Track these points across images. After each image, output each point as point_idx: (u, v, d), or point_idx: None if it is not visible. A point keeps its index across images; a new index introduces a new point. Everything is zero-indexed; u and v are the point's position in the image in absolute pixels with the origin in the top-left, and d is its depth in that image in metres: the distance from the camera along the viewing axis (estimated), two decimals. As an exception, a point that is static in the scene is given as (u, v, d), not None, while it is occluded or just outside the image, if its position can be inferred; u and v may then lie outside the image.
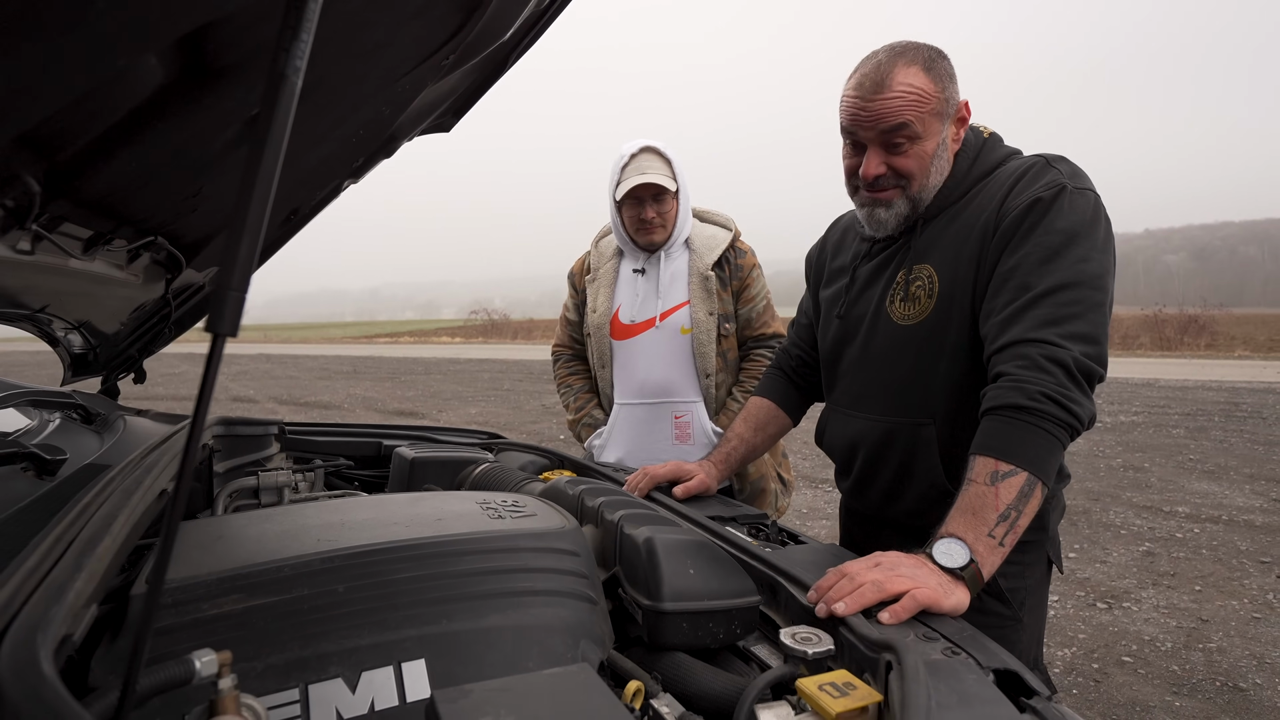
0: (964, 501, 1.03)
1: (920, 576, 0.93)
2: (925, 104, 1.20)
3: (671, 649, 0.92)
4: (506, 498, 1.13)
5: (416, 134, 1.75)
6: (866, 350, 1.38)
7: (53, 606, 0.48)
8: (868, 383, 1.38)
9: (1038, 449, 1.04)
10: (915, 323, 1.29)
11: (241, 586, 0.79)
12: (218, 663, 0.53)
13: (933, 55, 1.23)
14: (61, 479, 0.94)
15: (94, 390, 1.65)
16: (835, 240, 1.56)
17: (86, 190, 0.72)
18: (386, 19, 0.91)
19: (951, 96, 1.24)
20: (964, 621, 0.93)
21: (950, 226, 1.27)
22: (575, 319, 2.24)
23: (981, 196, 1.25)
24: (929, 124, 1.22)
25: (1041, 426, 1.05)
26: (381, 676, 0.75)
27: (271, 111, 0.46)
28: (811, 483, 5.94)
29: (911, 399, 1.30)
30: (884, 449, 1.34)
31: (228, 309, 0.45)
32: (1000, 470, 1.03)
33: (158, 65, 0.60)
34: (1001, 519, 1.00)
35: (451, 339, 37.54)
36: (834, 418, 1.49)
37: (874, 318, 1.36)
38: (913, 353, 1.29)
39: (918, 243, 1.30)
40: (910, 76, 1.20)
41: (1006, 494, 1.01)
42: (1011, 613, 1.28)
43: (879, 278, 1.37)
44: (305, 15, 0.46)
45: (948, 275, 1.25)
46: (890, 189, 1.27)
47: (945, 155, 1.26)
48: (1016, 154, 1.31)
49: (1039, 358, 1.08)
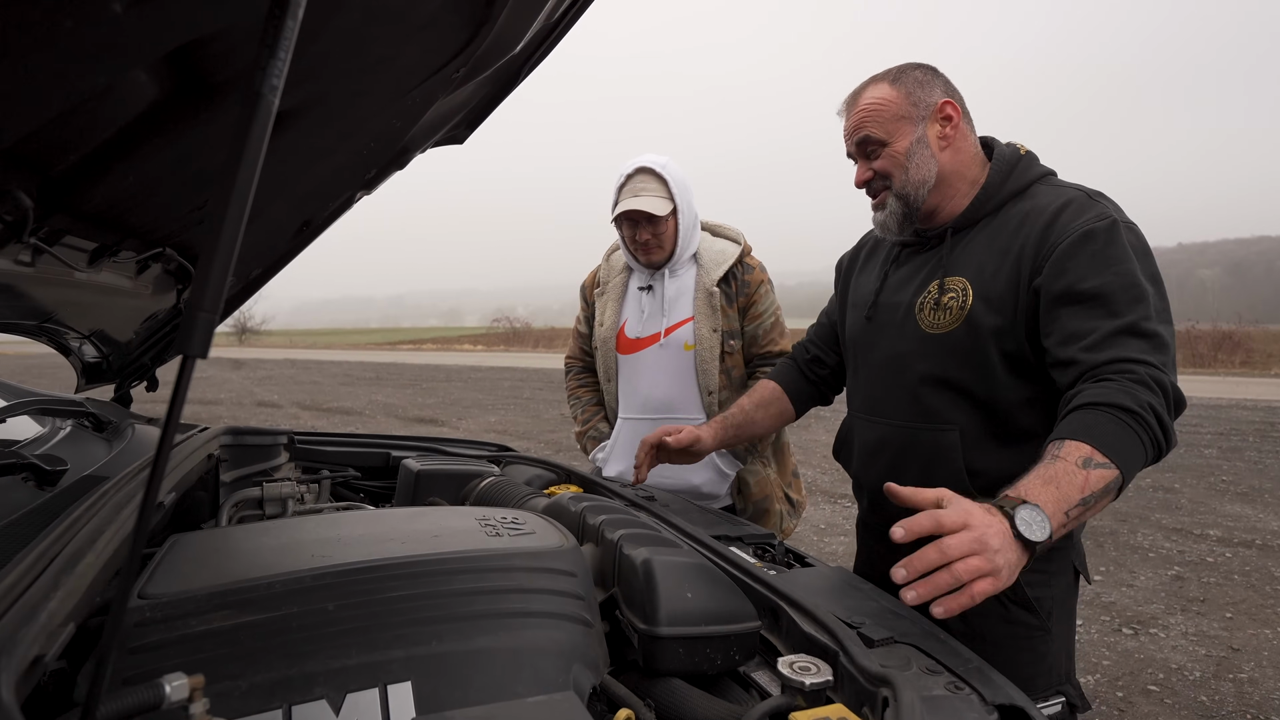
0: (1051, 474, 0.99)
1: (1000, 559, 0.88)
2: (886, 111, 1.32)
3: (667, 674, 0.90)
4: (506, 514, 1.12)
5: (430, 146, 1.76)
6: (892, 355, 1.40)
7: (22, 628, 0.48)
8: (890, 387, 1.40)
9: (1133, 454, 1.03)
10: (943, 332, 1.31)
11: (231, 603, 0.79)
12: (189, 686, 0.52)
13: (905, 69, 1.35)
14: (60, 490, 0.94)
15: (107, 398, 1.67)
16: (868, 247, 1.61)
17: (85, 204, 0.73)
18: (388, 34, 0.91)
19: (921, 99, 1.32)
20: (971, 653, 0.90)
21: (984, 241, 1.32)
22: (586, 331, 2.24)
23: (1020, 215, 1.29)
24: (895, 127, 1.32)
25: (1140, 436, 1.04)
26: (367, 699, 0.73)
27: (247, 132, 0.45)
28: (830, 498, 5.87)
29: (934, 405, 1.32)
30: (905, 455, 1.36)
31: (198, 331, 0.45)
32: (1095, 459, 1.01)
33: (149, 82, 0.60)
34: (1082, 503, 0.98)
35: (474, 346, 37.83)
36: (855, 424, 1.51)
37: (902, 323, 1.39)
38: (938, 360, 1.32)
39: (950, 254, 1.35)
40: (876, 92, 1.34)
41: (1096, 482, 0.99)
42: (1040, 622, 1.29)
43: (909, 284, 1.40)
44: (283, 35, 0.46)
45: (981, 291, 1.28)
46: (880, 190, 1.37)
47: (926, 152, 1.33)
48: (1051, 174, 1.36)
49: (1148, 377, 1.09)
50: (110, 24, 0.41)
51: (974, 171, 1.36)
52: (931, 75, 1.35)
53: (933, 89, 1.34)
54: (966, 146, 1.36)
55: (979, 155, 1.38)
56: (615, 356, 2.07)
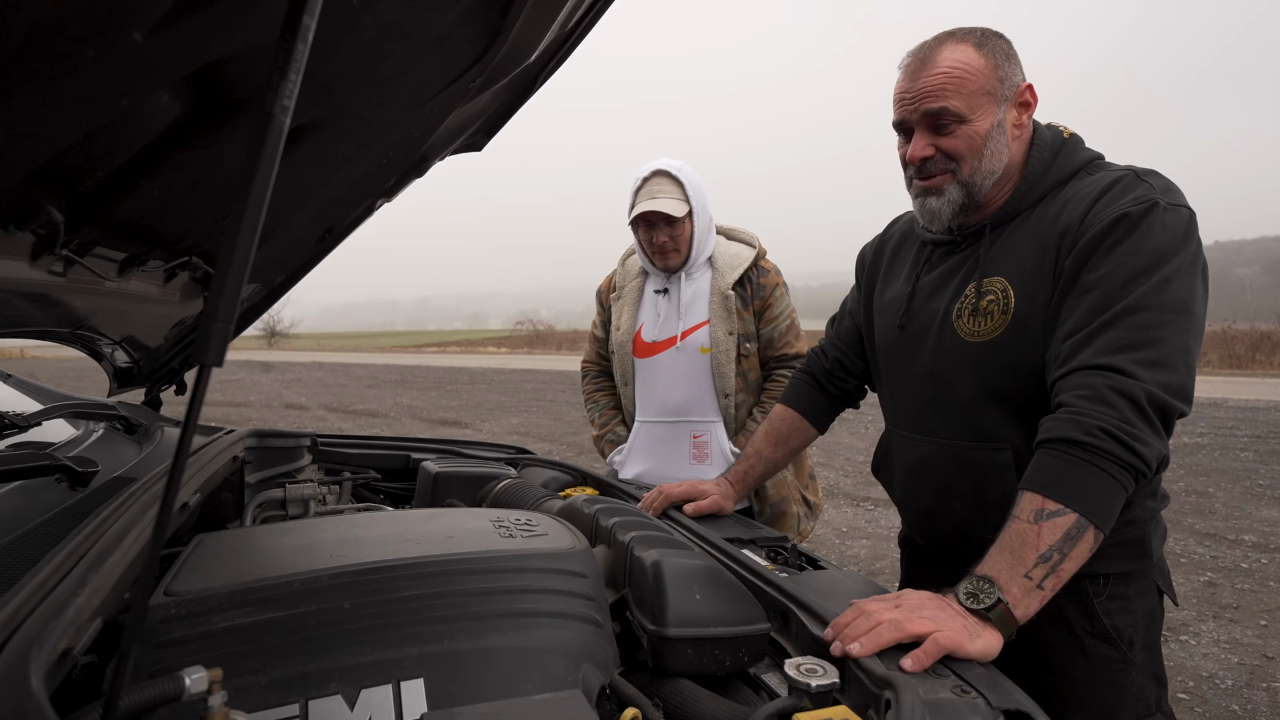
0: (1003, 539, 0.97)
1: (943, 619, 0.89)
2: (972, 80, 1.12)
3: (676, 675, 0.92)
4: (520, 516, 1.14)
5: (448, 154, 1.79)
6: (931, 368, 1.26)
7: (51, 621, 0.50)
8: (932, 403, 1.27)
9: (1091, 489, 0.97)
10: (986, 340, 1.18)
11: (252, 600, 0.81)
12: (207, 680, 0.55)
13: (987, 34, 1.16)
14: (91, 491, 0.98)
15: (138, 402, 1.73)
16: (894, 241, 1.45)
17: (114, 217, 0.76)
18: (403, 49, 0.94)
19: (1008, 76, 1.15)
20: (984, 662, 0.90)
21: (1025, 236, 1.18)
22: (602, 336, 2.26)
23: (1060, 204, 1.16)
24: (978, 102, 1.13)
25: (1098, 465, 0.97)
26: (380, 695, 0.76)
27: (259, 150, 0.47)
28: (853, 500, 5.83)
29: (983, 421, 1.19)
30: (954, 476, 1.22)
31: (213, 340, 0.47)
32: (1046, 509, 0.96)
33: (172, 101, 0.63)
34: (1042, 560, 0.94)
35: (497, 349, 38.11)
36: (895, 441, 1.37)
37: (939, 333, 1.25)
38: (983, 372, 1.19)
39: (988, 252, 1.21)
40: (957, 53, 1.14)
41: (1050, 534, 0.95)
42: (1120, 654, 1.17)
43: (944, 289, 1.26)
44: (293, 57, 0.48)
45: (1023, 290, 1.15)
46: (939, 173, 1.19)
47: (1002, 140, 1.16)
48: (1099, 159, 1.21)
49: (1104, 388, 1.00)
50: (132, 51, 0.43)
51: (1022, 161, 1.21)
52: (1013, 49, 1.17)
53: (1016, 66, 1.17)
54: (1026, 137, 1.21)
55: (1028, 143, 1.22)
56: (632, 360, 2.09)
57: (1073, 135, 1.23)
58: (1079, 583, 1.11)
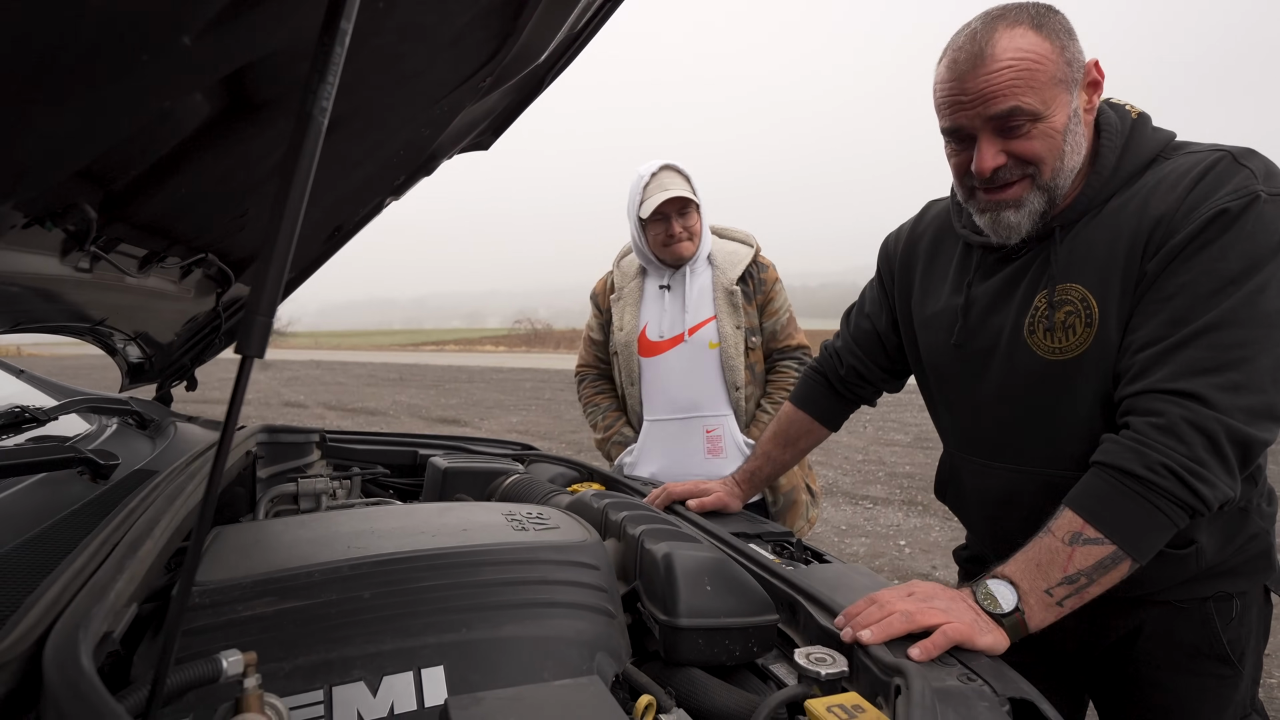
0: (1033, 549, 0.94)
1: (954, 611, 0.89)
2: (1042, 70, 0.97)
3: (687, 665, 0.93)
4: (531, 510, 1.15)
5: (456, 152, 1.81)
6: (1004, 391, 1.13)
7: (94, 605, 0.52)
8: (1011, 429, 1.14)
9: (1138, 524, 0.92)
10: (1071, 357, 1.05)
11: (273, 590, 0.83)
12: (243, 663, 0.56)
13: (1041, 9, 1.01)
14: (113, 483, 1.00)
15: (148, 397, 1.74)
16: (928, 240, 1.28)
17: (140, 214, 0.78)
18: (421, 50, 0.95)
19: (1074, 56, 1.00)
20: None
21: (1102, 234, 1.03)
22: (600, 338, 2.27)
23: (1143, 194, 1.01)
24: (1051, 94, 0.98)
25: (1152, 501, 0.91)
26: (401, 681, 0.77)
27: (298, 149, 0.49)
28: (851, 499, 5.85)
29: (1075, 448, 1.05)
30: (1048, 505, 1.01)
31: (255, 332, 0.49)
32: (1085, 534, 0.92)
33: (204, 102, 0.64)
34: (1067, 581, 0.92)
35: (495, 348, 38.12)
36: (968, 468, 1.24)
37: (1009, 351, 1.11)
38: (1070, 391, 1.06)
39: (1059, 255, 1.06)
40: (1017, 40, 0.98)
41: (1082, 559, 0.92)
42: (1233, 671, 1.10)
43: (1008, 300, 1.12)
44: (331, 60, 0.50)
45: (1105, 297, 1.01)
46: (1016, 182, 1.03)
47: (1079, 130, 1.02)
48: (1173, 139, 1.07)
49: (1179, 420, 0.91)
50: (180, 54, 0.45)
51: (1089, 149, 1.07)
52: (1069, 22, 1.02)
53: (1077, 42, 1.01)
54: (1093, 120, 1.06)
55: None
56: (638, 360, 2.11)
57: (1141, 115, 1.08)
58: (1204, 604, 1.08)
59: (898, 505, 5.66)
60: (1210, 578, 1.08)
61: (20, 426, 1.11)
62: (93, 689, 0.42)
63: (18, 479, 0.88)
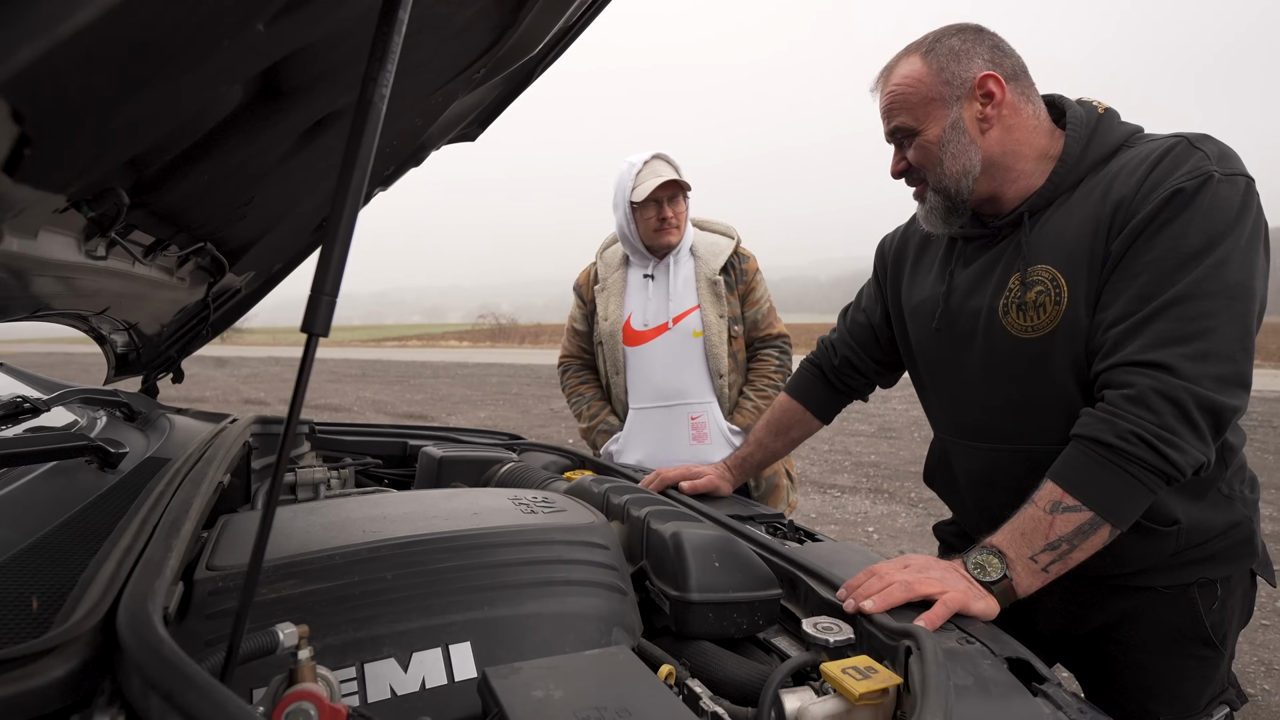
0: (1018, 520, 1.01)
1: (949, 580, 0.95)
2: (915, 93, 1.15)
3: (698, 638, 0.97)
4: (537, 494, 1.18)
5: (444, 143, 1.81)
6: (985, 372, 1.20)
7: (155, 580, 0.53)
8: (994, 408, 1.20)
9: (1114, 491, 0.98)
10: (1043, 334, 1.11)
11: (296, 573, 0.84)
12: (297, 635, 0.58)
13: (942, 36, 1.16)
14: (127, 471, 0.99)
15: (134, 389, 1.71)
16: (919, 236, 1.37)
17: (162, 201, 0.78)
18: (432, 40, 0.97)
19: (956, 75, 1.13)
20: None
21: (1070, 218, 1.11)
22: (584, 329, 2.29)
23: (1107, 180, 1.09)
24: (925, 112, 1.15)
25: (1126, 469, 0.97)
26: (431, 657, 0.79)
27: (360, 134, 0.51)
28: (820, 488, 5.97)
29: (1054, 423, 1.11)
30: (1033, 481, 1.06)
31: (320, 311, 0.51)
32: (1065, 502, 0.99)
33: (239, 89, 0.65)
34: (1050, 548, 0.98)
35: (459, 343, 37.72)
36: (955, 450, 1.31)
37: (987, 332, 1.18)
38: (1045, 368, 1.12)
39: (1029, 239, 1.14)
40: (905, 69, 1.16)
41: (1063, 526, 0.98)
42: (1215, 652, 1.15)
43: (984, 283, 1.19)
44: (390, 48, 0.52)
45: (1075, 275, 1.08)
46: (917, 183, 1.22)
47: (962, 140, 1.14)
48: (1138, 131, 1.15)
49: (1148, 390, 0.97)
50: (252, 40, 0.46)
51: (1040, 144, 1.15)
52: (972, 41, 1.14)
53: (970, 60, 1.13)
54: (1021, 121, 1.15)
55: (1044, 124, 1.16)
56: (623, 349, 2.14)
57: (1108, 110, 1.17)
58: (1188, 590, 1.13)
59: (864, 493, 5.79)
60: (1194, 563, 1.13)
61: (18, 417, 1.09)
62: (176, 654, 0.44)
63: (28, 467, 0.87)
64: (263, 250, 1.38)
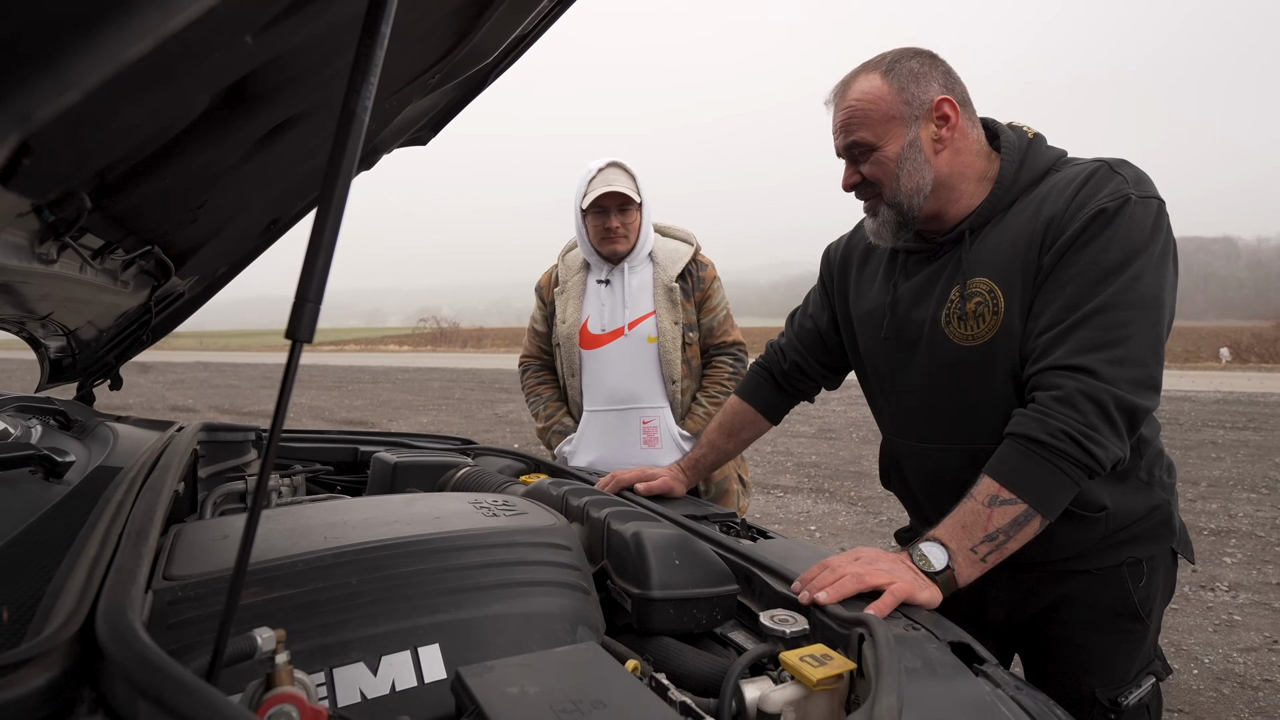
0: (958, 514, 1.08)
1: (897, 572, 1.01)
2: (876, 110, 1.19)
3: (659, 634, 1.00)
4: (497, 498, 1.19)
5: (396, 147, 1.80)
6: (928, 378, 1.27)
7: (131, 588, 0.53)
8: (938, 411, 1.28)
9: (1044, 484, 1.06)
10: (982, 342, 1.19)
11: (259, 580, 0.84)
12: (275, 639, 0.58)
13: (900, 57, 1.21)
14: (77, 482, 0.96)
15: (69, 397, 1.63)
16: (863, 244, 1.43)
17: (120, 204, 0.76)
18: (396, 47, 0.97)
19: (915, 97, 1.19)
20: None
21: (1004, 236, 1.19)
22: (544, 330, 2.31)
23: (1038, 200, 1.18)
24: (885, 130, 1.19)
25: (1055, 464, 1.05)
26: (400, 660, 0.80)
27: (343, 144, 0.52)
28: (763, 489, 6.08)
29: (994, 424, 1.17)
30: (975, 477, 1.12)
31: (305, 318, 0.51)
32: (1001, 496, 1.06)
33: (205, 95, 0.65)
34: (988, 539, 1.05)
35: (399, 347, 36.92)
36: (903, 451, 1.38)
37: (930, 341, 1.26)
38: (984, 374, 1.20)
39: (968, 255, 1.22)
40: (865, 85, 1.20)
41: (1000, 518, 1.05)
42: (1143, 626, 1.24)
43: (927, 295, 1.27)
44: (372, 61, 0.53)
45: (1008, 288, 1.17)
46: (870, 197, 1.26)
47: (918, 158, 1.20)
48: (1064, 155, 1.24)
49: (1074, 391, 1.05)
50: (239, 50, 0.47)
51: (979, 166, 1.23)
52: (929, 66, 1.21)
53: (929, 83, 1.20)
54: (968, 145, 1.23)
55: (983, 148, 1.24)
56: (579, 352, 2.16)
57: (1036, 135, 1.26)
58: (1118, 570, 1.22)
59: (806, 493, 5.94)
60: (1122, 545, 1.23)
61: (-50, 427, 1.04)
62: (163, 659, 0.44)
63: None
64: (209, 253, 1.35)
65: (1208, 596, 3.73)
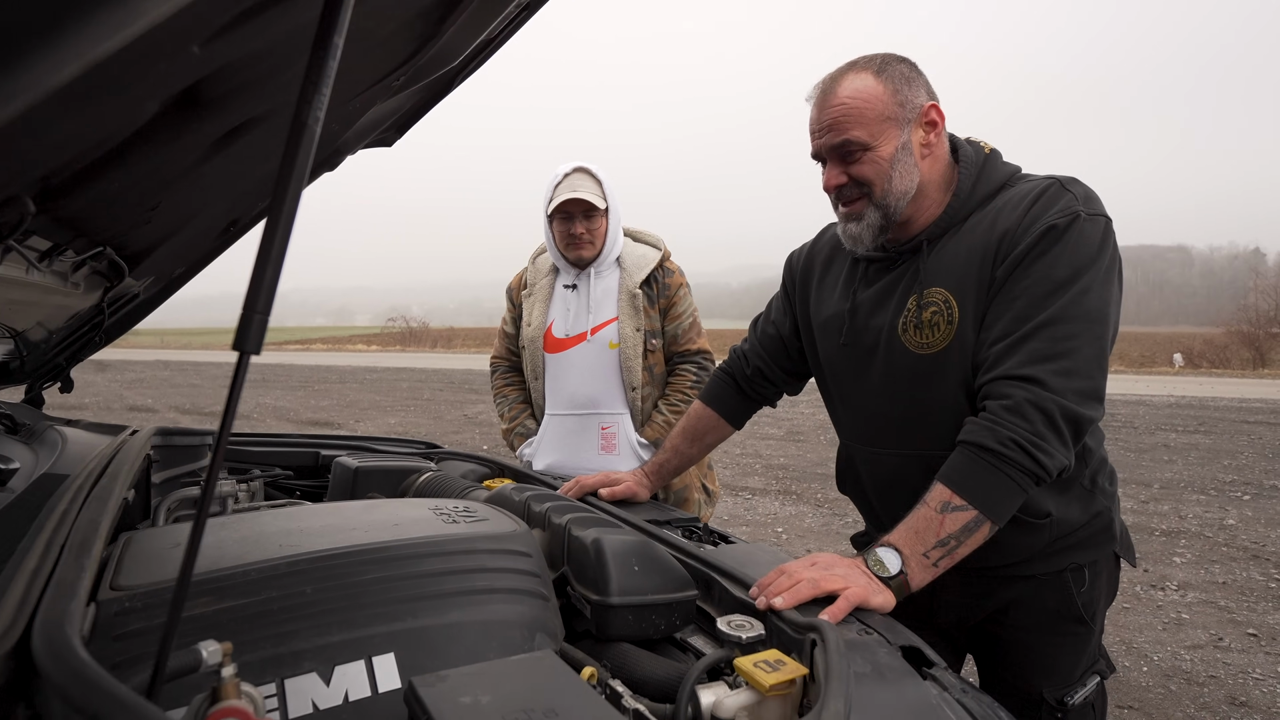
0: (911, 520, 1.10)
1: (851, 577, 1.03)
2: (871, 109, 1.18)
3: (618, 640, 1.00)
4: (458, 504, 1.18)
5: (360, 148, 1.78)
6: (885, 384, 1.30)
7: (70, 602, 0.52)
8: (894, 418, 1.31)
9: (994, 491, 1.08)
10: (937, 350, 1.22)
11: (210, 590, 0.82)
12: (221, 652, 0.58)
13: (889, 60, 1.22)
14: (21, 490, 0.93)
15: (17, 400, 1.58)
16: (824, 254, 1.46)
17: (67, 207, 0.74)
18: (357, 50, 0.96)
19: (909, 100, 1.20)
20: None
21: (960, 247, 1.22)
22: (512, 332, 2.31)
23: (993, 214, 1.21)
24: (880, 129, 1.19)
25: (1004, 471, 1.08)
26: (354, 670, 0.79)
27: (294, 156, 0.52)
28: (731, 490, 6.12)
29: (947, 431, 1.20)
30: (928, 482, 1.15)
31: (253, 330, 0.51)
32: (953, 503, 1.08)
33: (154, 102, 0.64)
34: (940, 544, 1.08)
35: (367, 347, 36.44)
36: (859, 456, 1.41)
37: (888, 348, 1.28)
38: (938, 381, 1.23)
39: (926, 265, 1.25)
40: (858, 84, 1.19)
41: (951, 524, 1.08)
42: (1087, 628, 1.28)
43: (885, 304, 1.29)
44: (325, 72, 0.53)
45: (965, 298, 1.20)
46: (856, 199, 1.24)
47: (909, 161, 1.21)
48: (1018, 171, 1.28)
49: (1023, 401, 1.08)
50: (185, 60, 0.46)
51: (947, 176, 1.26)
52: (915, 72, 1.23)
53: (918, 88, 1.21)
54: (942, 154, 1.25)
55: (949, 159, 1.27)
56: (543, 355, 2.16)
57: (993, 150, 1.29)
58: (1061, 575, 1.26)
59: (774, 495, 5.99)
60: (1066, 550, 1.27)
61: (-114, 432, 1.00)
62: (101, 676, 0.43)
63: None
64: (165, 254, 1.32)
65: (1158, 596, 3.85)
